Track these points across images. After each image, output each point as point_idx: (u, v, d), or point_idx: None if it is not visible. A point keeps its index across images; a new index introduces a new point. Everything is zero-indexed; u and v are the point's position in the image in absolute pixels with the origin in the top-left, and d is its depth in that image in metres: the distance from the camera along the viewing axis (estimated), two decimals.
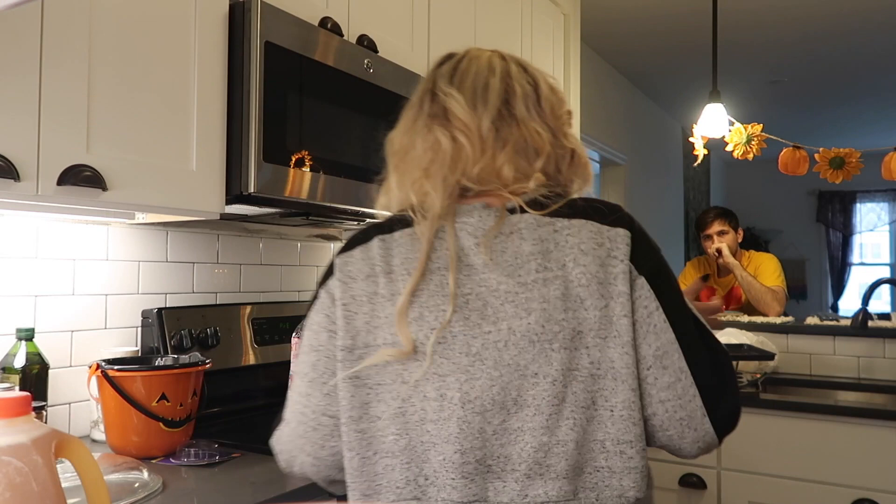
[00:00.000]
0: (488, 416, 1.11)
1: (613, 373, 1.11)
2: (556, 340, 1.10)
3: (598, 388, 1.11)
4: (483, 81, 1.26)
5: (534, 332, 1.11)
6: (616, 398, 1.11)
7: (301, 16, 2.03)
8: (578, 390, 1.11)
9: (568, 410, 1.10)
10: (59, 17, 1.55)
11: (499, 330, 1.12)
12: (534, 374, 1.10)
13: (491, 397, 1.11)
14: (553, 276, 1.12)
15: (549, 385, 1.10)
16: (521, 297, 1.12)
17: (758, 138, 3.94)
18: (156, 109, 1.76)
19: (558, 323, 1.11)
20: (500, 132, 1.22)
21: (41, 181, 1.51)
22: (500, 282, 1.13)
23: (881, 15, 4.96)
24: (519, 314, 1.11)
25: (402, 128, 1.31)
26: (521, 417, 1.10)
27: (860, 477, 2.85)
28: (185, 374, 1.90)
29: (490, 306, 1.13)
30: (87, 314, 2.10)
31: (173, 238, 2.34)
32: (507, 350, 1.11)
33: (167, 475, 1.70)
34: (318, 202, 2.05)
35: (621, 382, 1.11)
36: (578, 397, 1.11)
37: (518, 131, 1.22)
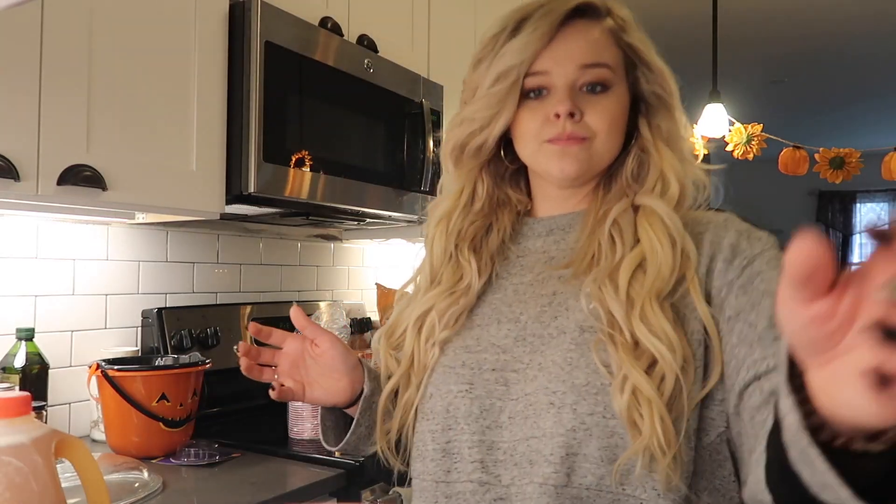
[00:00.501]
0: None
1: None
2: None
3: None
4: None
5: None
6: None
7: (301, 16, 2.03)
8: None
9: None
10: (58, 17, 1.55)
11: None
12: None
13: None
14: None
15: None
16: None
17: (758, 138, 3.94)
18: (156, 109, 1.76)
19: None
20: None
21: (41, 181, 1.51)
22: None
23: (882, 15, 4.96)
24: None
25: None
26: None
27: None
28: (185, 374, 1.90)
29: None
30: (87, 314, 2.10)
31: (173, 238, 2.34)
32: None
33: (167, 475, 1.70)
34: (318, 202, 2.05)
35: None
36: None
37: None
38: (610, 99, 1.08)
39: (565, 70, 1.07)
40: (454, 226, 1.18)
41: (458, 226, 1.18)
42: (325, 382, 1.18)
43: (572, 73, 1.07)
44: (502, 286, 1.15)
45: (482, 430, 1.04)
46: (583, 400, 0.97)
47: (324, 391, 1.18)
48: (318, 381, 1.19)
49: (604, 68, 1.07)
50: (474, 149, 1.15)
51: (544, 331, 1.05)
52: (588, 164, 1.09)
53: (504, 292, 1.14)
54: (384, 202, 2.27)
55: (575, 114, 1.06)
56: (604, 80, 1.07)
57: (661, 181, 1.09)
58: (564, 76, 1.07)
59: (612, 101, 1.08)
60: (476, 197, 1.19)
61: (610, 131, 1.08)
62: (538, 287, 1.11)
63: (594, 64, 1.07)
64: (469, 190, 1.19)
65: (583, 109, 1.07)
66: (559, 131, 1.07)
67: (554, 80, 1.07)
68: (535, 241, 1.17)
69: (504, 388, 1.05)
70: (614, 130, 1.09)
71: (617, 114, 1.08)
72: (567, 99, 1.06)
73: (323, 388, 1.18)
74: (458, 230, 1.17)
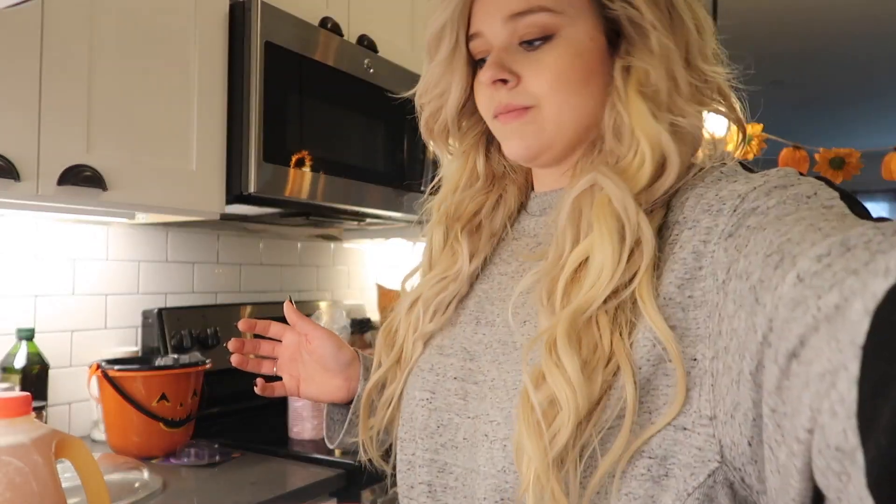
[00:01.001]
0: None
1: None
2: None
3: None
4: None
5: None
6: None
7: (301, 16, 2.03)
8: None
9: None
10: (59, 17, 1.55)
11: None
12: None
13: None
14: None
15: None
16: None
17: (758, 138, 3.94)
18: (156, 109, 1.77)
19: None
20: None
21: (41, 181, 1.52)
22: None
23: (882, 14, 4.96)
24: None
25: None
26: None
27: None
28: (185, 374, 1.90)
29: None
30: (88, 314, 2.10)
31: (173, 238, 2.34)
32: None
33: (167, 475, 1.70)
34: (318, 202, 2.05)
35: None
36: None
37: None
38: (554, 50, 0.83)
39: (493, 27, 0.86)
40: (452, 207, 0.99)
41: (456, 207, 0.99)
42: (318, 379, 1.14)
43: (501, 29, 0.85)
44: (491, 274, 0.96)
45: (436, 447, 0.88)
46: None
47: (317, 388, 1.15)
48: (313, 378, 1.14)
49: (538, 13, 0.82)
50: (441, 126, 0.98)
51: (510, 338, 0.85)
52: (540, 137, 0.86)
53: (491, 283, 0.95)
54: (384, 202, 2.27)
55: (507, 79, 0.85)
56: (541, 28, 0.83)
57: (637, 150, 0.79)
58: (494, 35, 0.86)
59: (556, 53, 0.83)
60: (477, 174, 1.00)
61: (557, 90, 0.83)
62: (517, 281, 0.90)
63: (524, 11, 0.83)
64: (468, 167, 1.00)
65: (519, 71, 0.85)
66: (496, 103, 0.87)
67: (490, 40, 0.87)
68: (529, 222, 0.97)
69: (462, 402, 0.87)
70: (565, 86, 0.83)
71: (564, 65, 0.83)
72: (491, 63, 0.85)
73: (316, 385, 1.15)
74: (456, 211, 0.98)
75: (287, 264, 2.77)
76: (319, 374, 1.14)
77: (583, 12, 0.83)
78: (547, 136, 0.86)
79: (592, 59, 0.83)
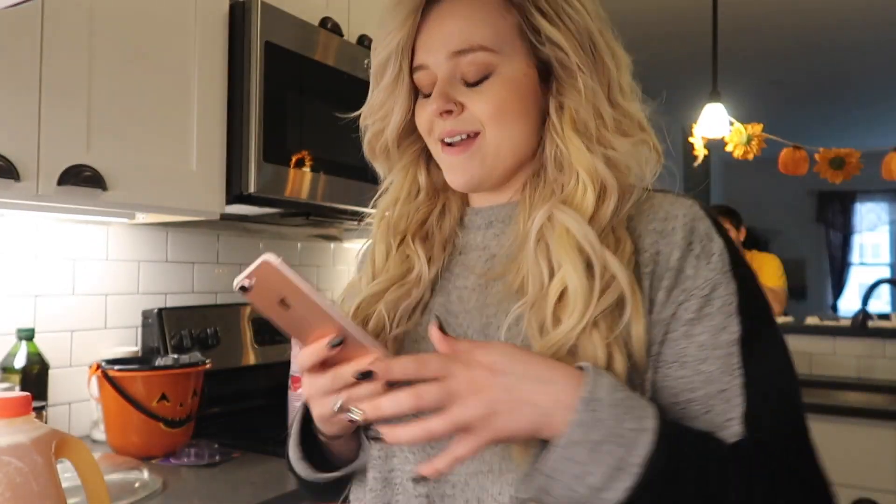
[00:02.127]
0: None
1: None
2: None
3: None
4: None
5: None
6: None
7: (301, 16, 2.03)
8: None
9: None
10: (58, 17, 1.56)
11: None
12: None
13: None
14: None
15: None
16: None
17: (758, 138, 3.94)
18: (156, 109, 1.77)
19: None
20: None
21: (41, 181, 1.52)
22: None
23: (882, 15, 4.96)
24: None
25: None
26: None
27: (860, 477, 2.86)
28: (185, 375, 1.90)
29: None
30: (87, 314, 2.10)
31: (173, 238, 2.34)
32: None
33: (167, 475, 1.70)
34: (318, 202, 2.05)
35: None
36: None
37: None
38: (493, 86, 0.92)
39: (437, 61, 0.94)
40: (395, 218, 1.04)
41: (401, 218, 1.04)
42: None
43: (445, 64, 0.93)
44: (445, 288, 1.01)
45: (428, 459, 0.87)
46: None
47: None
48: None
49: (479, 52, 0.92)
50: (383, 145, 1.04)
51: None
52: (483, 166, 0.95)
53: (448, 296, 1.00)
54: None
55: (452, 109, 0.93)
56: (482, 67, 0.92)
57: (579, 181, 0.91)
58: (438, 68, 0.94)
59: (495, 87, 0.92)
60: (419, 186, 1.06)
61: (500, 118, 0.93)
62: (480, 295, 0.96)
63: (466, 49, 0.92)
64: (408, 180, 1.06)
65: (463, 101, 0.93)
66: (441, 129, 0.95)
67: (435, 72, 0.95)
68: (476, 235, 1.02)
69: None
70: (506, 116, 0.93)
71: (503, 98, 0.92)
72: (437, 96, 0.93)
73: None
74: (402, 223, 1.04)
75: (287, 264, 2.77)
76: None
77: (517, 51, 0.93)
78: (488, 165, 0.95)
79: (528, 94, 0.94)
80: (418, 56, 0.95)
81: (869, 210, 10.72)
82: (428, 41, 0.94)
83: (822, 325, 3.88)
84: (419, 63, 0.95)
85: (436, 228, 1.04)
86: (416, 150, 1.05)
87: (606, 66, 0.94)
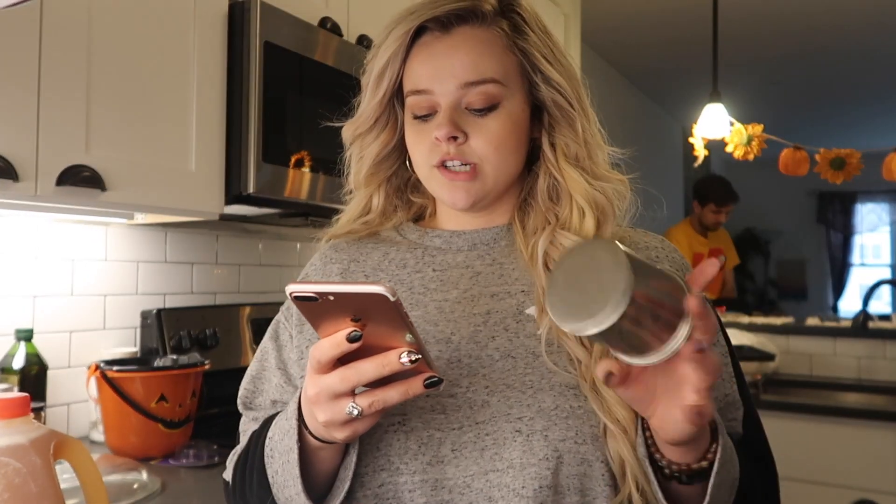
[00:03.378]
0: None
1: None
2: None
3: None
4: None
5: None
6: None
7: (300, 16, 2.03)
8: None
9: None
10: (57, 17, 1.56)
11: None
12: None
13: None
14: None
15: None
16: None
17: (758, 139, 3.94)
18: (155, 109, 1.77)
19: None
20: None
21: (40, 181, 1.51)
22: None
23: (883, 15, 4.96)
24: None
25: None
26: None
27: (861, 478, 2.86)
28: (184, 375, 1.90)
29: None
30: (86, 315, 2.10)
31: (172, 238, 2.34)
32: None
33: (166, 476, 1.70)
34: (317, 202, 2.05)
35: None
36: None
37: None
38: (498, 118, 1.01)
39: (446, 89, 1.01)
40: (338, 244, 1.19)
41: (349, 233, 1.18)
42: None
43: (454, 93, 1.00)
44: (421, 302, 1.04)
45: (423, 468, 0.93)
46: (553, 425, 0.91)
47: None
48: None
49: (490, 84, 1.00)
50: (369, 171, 1.14)
51: (482, 352, 0.98)
52: (481, 191, 1.03)
53: (425, 309, 1.03)
54: None
55: (458, 136, 1.00)
56: (490, 98, 1.00)
57: (576, 208, 1.02)
58: (446, 96, 1.01)
59: (499, 121, 1.01)
60: (371, 209, 1.17)
61: (498, 154, 1.01)
62: (468, 305, 1.02)
63: (478, 81, 1.00)
64: (365, 203, 1.18)
65: (467, 131, 1.00)
66: (443, 154, 1.01)
67: (438, 99, 1.01)
68: (456, 256, 1.09)
69: (442, 416, 0.94)
70: (504, 152, 1.02)
71: (506, 133, 1.02)
72: (447, 122, 0.99)
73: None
74: (342, 245, 1.18)
75: (286, 265, 2.77)
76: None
77: (519, 87, 1.03)
78: (487, 190, 1.04)
79: (524, 129, 1.05)
80: (422, 82, 1.02)
81: (869, 211, 10.73)
82: (437, 69, 1.01)
83: (822, 326, 3.88)
84: (423, 88, 1.02)
85: (369, 257, 1.14)
86: (386, 175, 1.15)
87: (589, 112, 1.07)
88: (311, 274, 1.20)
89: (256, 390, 1.16)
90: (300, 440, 0.90)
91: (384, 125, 1.11)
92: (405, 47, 1.04)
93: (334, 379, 0.80)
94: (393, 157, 1.13)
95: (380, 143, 1.11)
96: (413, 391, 0.80)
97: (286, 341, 1.13)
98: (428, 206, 1.18)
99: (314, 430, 0.88)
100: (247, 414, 1.18)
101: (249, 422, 1.17)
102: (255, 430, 1.07)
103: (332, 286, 0.74)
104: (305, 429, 0.90)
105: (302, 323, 1.09)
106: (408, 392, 0.80)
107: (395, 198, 1.17)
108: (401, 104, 1.10)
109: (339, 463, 0.94)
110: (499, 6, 1.04)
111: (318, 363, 0.80)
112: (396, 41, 1.04)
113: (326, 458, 0.93)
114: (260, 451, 0.99)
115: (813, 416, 2.99)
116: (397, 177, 1.16)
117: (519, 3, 1.05)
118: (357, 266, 1.14)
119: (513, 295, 1.02)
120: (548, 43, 1.04)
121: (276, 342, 1.14)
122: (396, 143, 1.12)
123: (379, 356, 0.78)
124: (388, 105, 1.09)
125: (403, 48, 1.04)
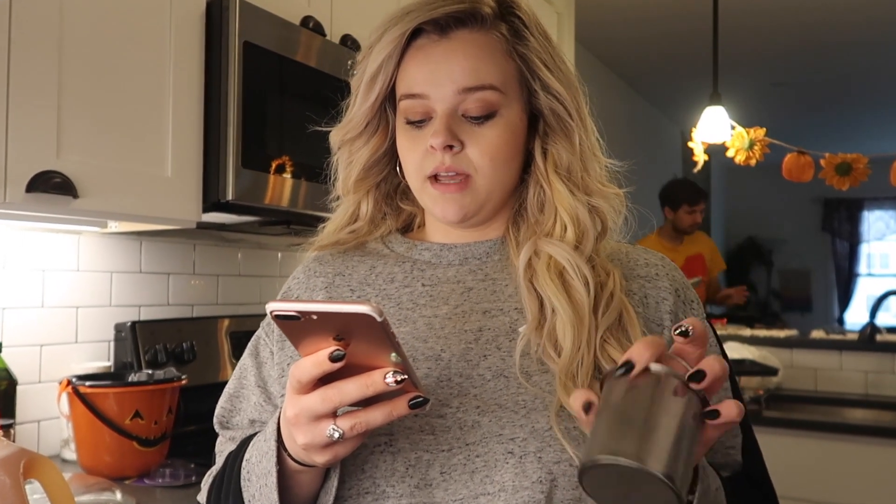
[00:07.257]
0: None
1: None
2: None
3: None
4: None
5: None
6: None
7: (281, 15, 2.04)
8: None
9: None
10: (27, 15, 1.56)
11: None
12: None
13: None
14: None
15: None
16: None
17: (760, 143, 3.96)
18: (129, 113, 1.77)
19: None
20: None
21: (9, 188, 1.52)
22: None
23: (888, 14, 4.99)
24: None
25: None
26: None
27: (868, 498, 2.87)
28: (159, 391, 1.90)
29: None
30: (57, 327, 2.10)
31: (147, 248, 2.34)
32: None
33: (141, 497, 1.70)
34: (299, 210, 2.06)
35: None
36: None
37: None
38: (495, 127, 1.01)
39: (443, 94, 1.00)
40: (323, 257, 1.18)
41: (336, 243, 1.17)
42: None
43: (451, 98, 1.00)
44: (410, 318, 1.04)
45: (410, 491, 0.92)
46: (547, 447, 0.91)
47: None
48: None
49: (489, 90, 1.00)
50: (358, 175, 1.13)
51: (473, 371, 0.98)
52: (474, 204, 1.03)
53: (414, 325, 1.03)
54: None
55: (454, 146, 1.00)
56: (488, 105, 1.01)
57: (559, 221, 1.03)
58: (442, 101, 1.01)
59: (497, 130, 1.01)
60: (359, 216, 1.16)
61: (493, 165, 1.02)
62: (459, 322, 1.02)
63: (477, 87, 1.00)
64: (353, 210, 1.16)
65: (463, 140, 1.00)
66: (437, 163, 1.01)
67: (433, 105, 1.01)
68: (447, 270, 1.09)
69: (431, 436, 0.94)
70: (499, 163, 1.02)
71: (502, 143, 1.02)
72: (443, 130, 0.99)
73: None
74: (326, 258, 1.17)
75: (267, 275, 2.77)
76: None
77: (518, 96, 1.04)
78: (480, 202, 1.04)
79: (519, 139, 1.05)
80: (416, 86, 1.02)
81: (877, 218, 10.78)
82: (434, 74, 1.01)
83: (827, 339, 3.90)
84: (419, 92, 1.02)
85: (355, 270, 1.13)
86: (375, 182, 1.14)
87: (588, 122, 1.07)
88: (293, 288, 1.19)
89: (234, 409, 1.16)
90: (279, 463, 0.89)
91: (375, 130, 1.10)
92: (400, 49, 1.03)
93: (315, 399, 0.79)
94: (383, 162, 1.13)
95: (370, 148, 1.11)
96: (398, 412, 0.80)
97: (266, 358, 1.12)
98: (417, 214, 1.18)
99: (293, 453, 0.88)
100: (223, 433, 1.18)
101: (226, 442, 1.16)
102: (232, 451, 1.07)
103: (316, 305, 0.74)
104: (284, 451, 0.89)
105: (283, 339, 1.09)
106: (392, 413, 0.79)
107: (384, 204, 1.16)
108: (392, 108, 1.09)
109: (319, 487, 0.94)
110: (498, 9, 1.04)
111: (299, 383, 0.80)
112: (391, 43, 1.02)
113: (306, 482, 0.92)
114: (236, 473, 0.99)
115: (818, 434, 3.01)
116: (387, 183, 1.15)
117: (519, 6, 1.05)
118: (342, 280, 1.13)
119: (506, 312, 1.02)
120: (548, 49, 1.04)
121: (256, 359, 1.14)
122: (387, 148, 1.11)
123: (363, 376, 0.78)
124: (380, 109, 1.09)
125: (398, 50, 1.03)
